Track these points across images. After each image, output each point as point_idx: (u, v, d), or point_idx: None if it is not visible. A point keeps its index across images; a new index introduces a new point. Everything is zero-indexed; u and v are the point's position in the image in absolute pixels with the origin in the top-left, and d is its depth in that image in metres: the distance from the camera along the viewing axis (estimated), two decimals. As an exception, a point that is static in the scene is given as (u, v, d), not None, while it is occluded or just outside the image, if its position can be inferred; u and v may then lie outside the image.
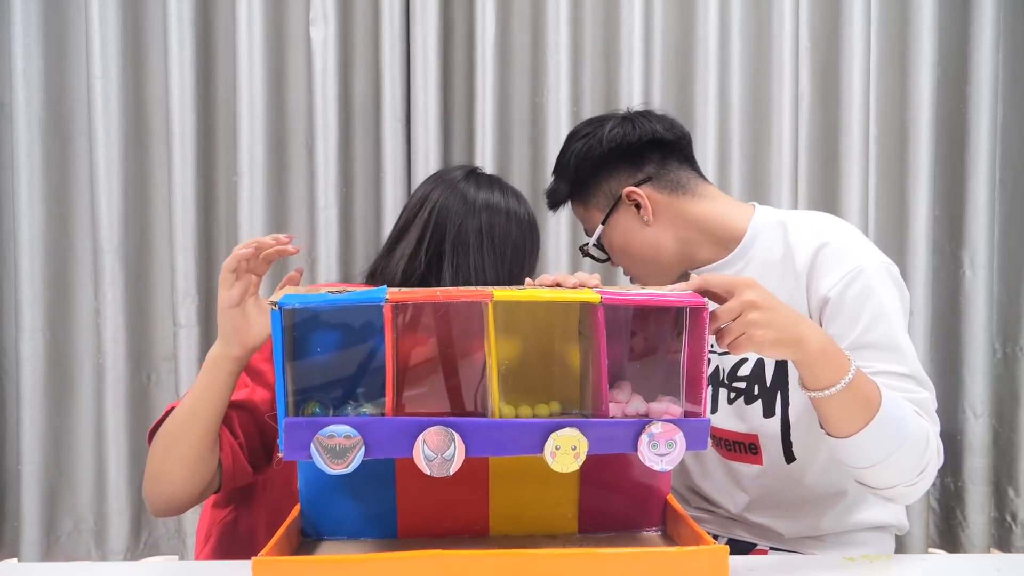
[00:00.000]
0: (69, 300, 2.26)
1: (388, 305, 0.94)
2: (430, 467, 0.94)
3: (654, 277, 1.53)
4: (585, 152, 1.52)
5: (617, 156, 1.51)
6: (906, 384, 1.29)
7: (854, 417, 1.17)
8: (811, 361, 1.13)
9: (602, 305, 0.97)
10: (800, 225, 1.46)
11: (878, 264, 1.38)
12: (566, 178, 1.56)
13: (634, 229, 1.51)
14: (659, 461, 0.99)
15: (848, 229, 1.47)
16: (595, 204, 1.54)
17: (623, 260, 1.57)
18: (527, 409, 1.02)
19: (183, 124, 2.16)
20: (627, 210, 1.51)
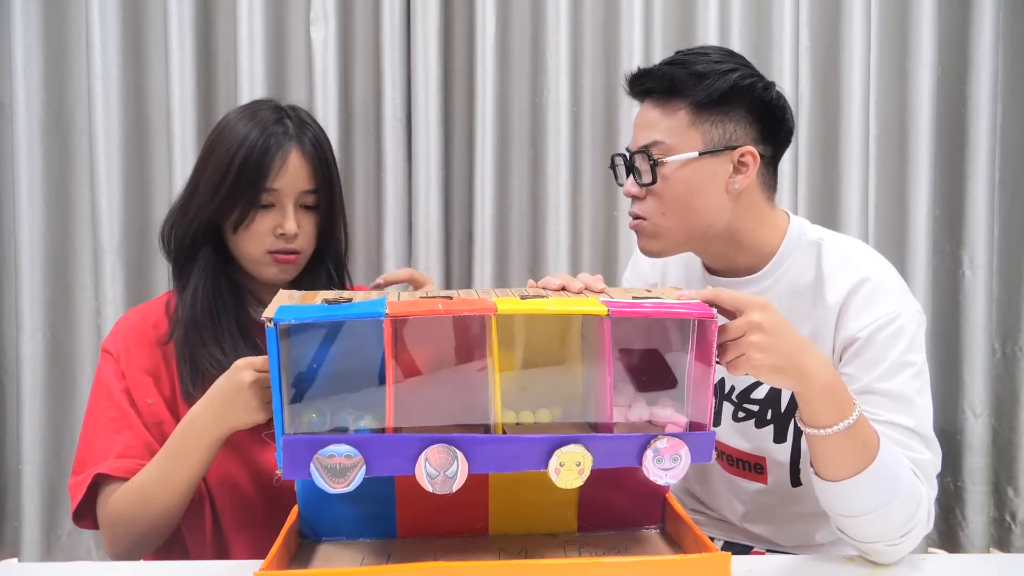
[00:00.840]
0: (69, 300, 2.25)
1: (388, 320, 0.93)
2: (432, 484, 0.94)
3: (666, 236, 1.38)
4: (747, 83, 1.34)
5: (766, 114, 1.38)
6: (911, 441, 1.24)
7: (848, 462, 1.13)
8: (812, 396, 1.10)
9: (609, 318, 0.97)
10: (836, 252, 1.39)
11: (913, 312, 1.33)
12: (699, 83, 1.33)
13: (715, 184, 1.36)
14: (663, 475, 0.99)
15: (886, 267, 1.40)
16: (703, 128, 1.35)
17: (667, 198, 1.36)
18: (528, 415, 1.02)
19: (183, 124, 2.16)
20: (725, 163, 1.35)
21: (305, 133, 1.39)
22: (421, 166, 2.19)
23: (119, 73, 2.17)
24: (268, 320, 0.92)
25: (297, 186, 1.36)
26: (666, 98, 1.36)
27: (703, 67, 1.33)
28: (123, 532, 1.27)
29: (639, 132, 1.39)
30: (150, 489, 1.24)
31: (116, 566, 1.24)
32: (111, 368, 1.37)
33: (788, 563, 1.22)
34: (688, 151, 1.34)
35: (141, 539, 1.28)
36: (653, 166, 1.34)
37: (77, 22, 2.21)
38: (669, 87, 1.34)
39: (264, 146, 1.34)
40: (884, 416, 1.24)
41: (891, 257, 2.26)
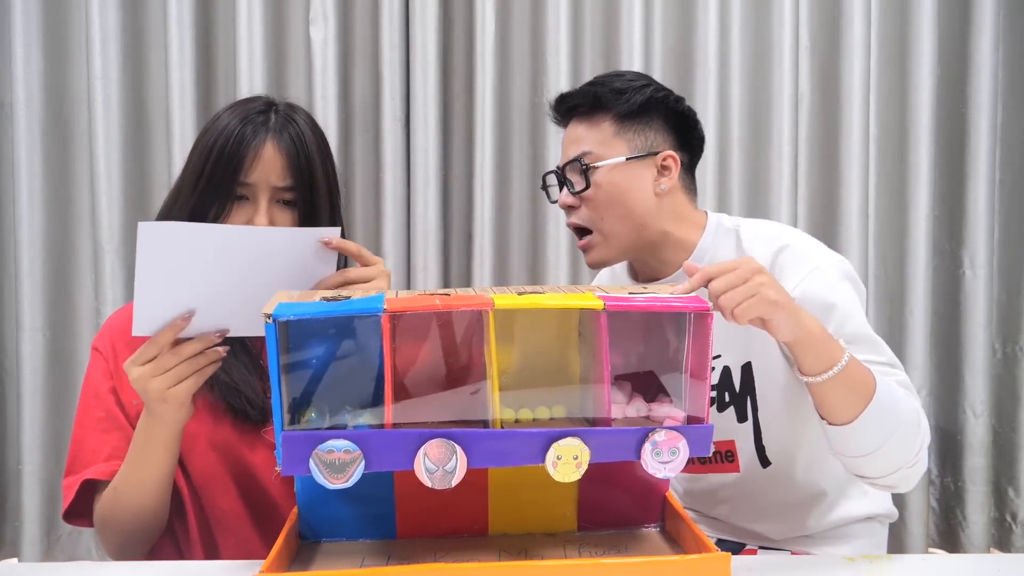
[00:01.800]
0: (69, 300, 2.26)
1: (386, 315, 0.93)
2: (431, 479, 0.94)
3: (611, 240, 1.48)
4: (660, 95, 1.50)
5: (680, 123, 1.52)
6: (885, 369, 1.32)
7: (853, 401, 1.19)
8: (807, 342, 1.15)
9: (605, 312, 0.97)
10: (753, 231, 1.49)
11: (834, 262, 1.42)
12: (619, 98, 1.47)
13: (642, 187, 1.47)
14: (662, 469, 0.99)
15: (800, 233, 1.52)
16: (627, 137, 1.48)
17: (600, 202, 1.47)
18: (527, 412, 1.02)
19: (183, 124, 2.16)
20: (650, 167, 1.48)
21: (287, 128, 1.34)
22: (420, 166, 2.19)
23: (119, 73, 2.17)
24: (267, 316, 0.92)
25: (270, 180, 1.31)
26: (590, 113, 1.49)
27: (620, 84, 1.48)
28: (109, 534, 1.29)
29: (568, 148, 1.52)
30: (122, 491, 1.24)
31: (116, 566, 1.24)
32: (100, 367, 1.36)
33: (788, 562, 1.22)
34: (616, 157, 1.47)
35: (127, 539, 1.29)
36: (585, 172, 1.47)
37: (77, 22, 2.21)
38: (593, 102, 1.48)
39: (240, 136, 1.31)
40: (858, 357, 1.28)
41: (891, 257, 2.30)
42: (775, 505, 1.50)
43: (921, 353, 2.26)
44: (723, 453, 1.49)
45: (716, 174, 2.23)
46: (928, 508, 2.32)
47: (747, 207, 2.27)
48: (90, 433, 1.32)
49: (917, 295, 2.25)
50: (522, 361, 1.05)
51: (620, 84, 1.49)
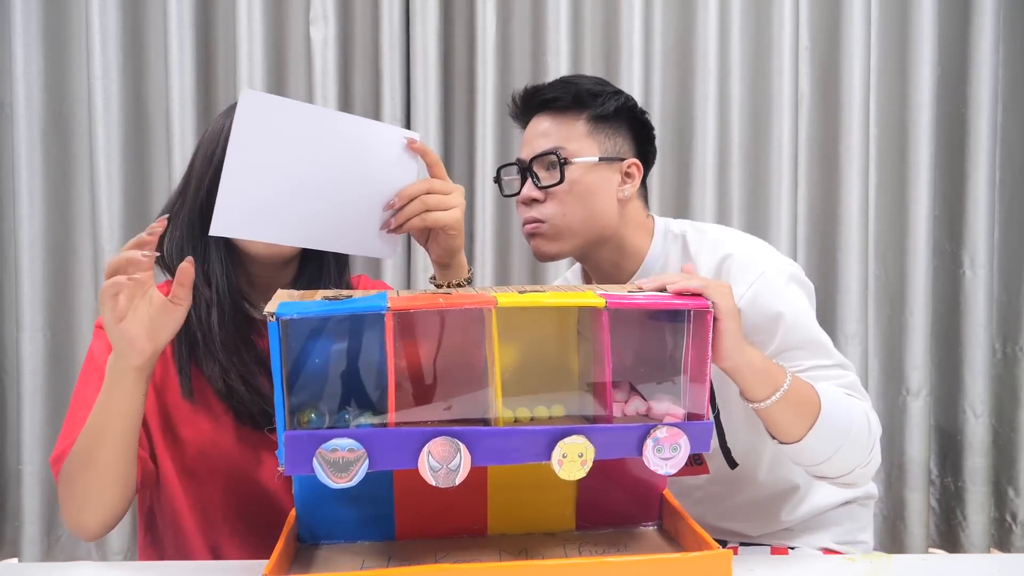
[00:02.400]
0: (69, 300, 2.26)
1: (389, 314, 0.93)
2: (435, 478, 0.93)
3: (566, 236, 1.48)
4: (631, 104, 1.52)
5: (641, 134, 1.54)
6: (834, 372, 1.34)
7: (799, 420, 1.19)
8: (748, 375, 1.14)
9: (607, 309, 0.97)
10: (699, 238, 1.50)
11: (780, 266, 1.42)
12: (595, 100, 1.48)
13: (608, 190, 1.48)
14: (663, 465, 0.99)
15: (747, 238, 1.51)
16: (598, 140, 1.49)
17: (570, 199, 1.47)
18: (525, 411, 1.02)
19: (183, 124, 2.16)
20: (616, 172, 1.49)
21: None
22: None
23: (119, 73, 2.17)
24: (270, 315, 0.92)
25: None
26: (565, 110, 1.49)
27: (593, 87, 1.49)
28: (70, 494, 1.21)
29: (535, 141, 1.50)
30: (84, 443, 1.18)
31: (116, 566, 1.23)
32: (103, 342, 1.32)
33: (788, 562, 1.22)
34: (588, 156, 1.47)
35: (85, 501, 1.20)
36: (562, 166, 1.46)
37: (77, 22, 2.21)
38: (574, 98, 1.48)
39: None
40: (806, 364, 1.34)
41: (891, 257, 2.30)
42: (748, 504, 1.51)
43: (921, 353, 2.26)
44: (691, 456, 1.48)
45: (716, 174, 2.23)
46: (928, 508, 2.32)
47: (747, 207, 2.27)
48: (86, 403, 1.28)
49: (917, 295, 2.25)
50: (521, 360, 1.05)
51: (593, 87, 1.49)
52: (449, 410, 1.01)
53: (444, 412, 1.01)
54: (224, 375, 1.30)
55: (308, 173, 1.15)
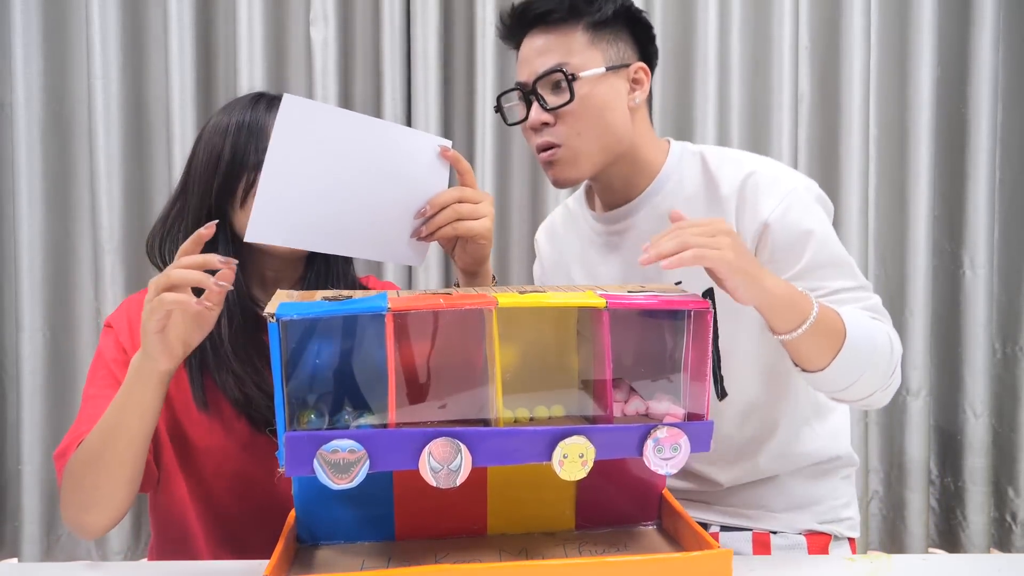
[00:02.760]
0: (69, 300, 2.26)
1: (390, 315, 0.93)
2: (436, 478, 0.93)
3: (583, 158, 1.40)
4: (625, 4, 1.42)
5: (642, 34, 1.46)
6: (859, 294, 1.32)
7: (825, 350, 1.19)
8: (774, 306, 1.13)
9: (607, 310, 0.97)
10: (719, 155, 1.45)
11: (808, 185, 1.39)
12: (590, 6, 1.38)
13: (619, 100, 1.40)
14: (664, 465, 0.99)
15: (765, 158, 1.46)
16: (602, 47, 1.39)
17: (583, 116, 1.38)
18: (524, 412, 1.02)
19: (183, 124, 2.16)
20: (623, 80, 1.41)
21: None
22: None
23: (119, 73, 2.17)
24: (270, 316, 0.91)
25: None
26: (560, 22, 1.38)
27: None
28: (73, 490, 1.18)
29: (535, 61, 1.39)
30: (94, 440, 1.15)
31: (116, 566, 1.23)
32: (112, 340, 1.32)
33: (788, 562, 1.22)
34: (594, 68, 1.38)
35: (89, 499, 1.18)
36: (570, 83, 1.36)
37: (77, 22, 2.21)
38: (570, 7, 1.37)
39: (255, 113, 1.28)
40: (831, 285, 1.31)
41: (891, 257, 2.30)
42: (725, 447, 1.45)
43: (921, 353, 2.26)
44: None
45: (716, 174, 2.23)
46: (928, 508, 2.32)
47: (747, 207, 2.27)
48: (96, 401, 1.25)
49: (917, 295, 2.25)
50: (522, 360, 1.05)
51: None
52: (449, 410, 1.01)
53: (444, 412, 1.00)
54: (240, 385, 1.28)
55: (343, 180, 1.15)
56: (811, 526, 1.47)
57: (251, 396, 1.28)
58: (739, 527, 1.49)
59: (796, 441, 1.47)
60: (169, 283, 1.04)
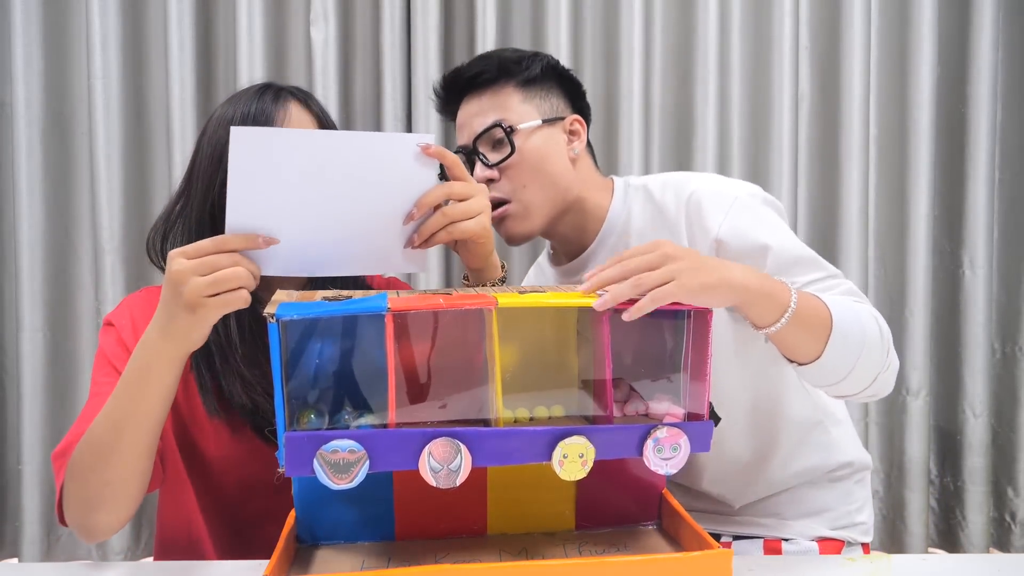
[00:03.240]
0: (69, 300, 2.26)
1: (389, 315, 0.93)
2: (436, 478, 0.93)
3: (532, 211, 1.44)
4: (551, 62, 1.48)
5: (572, 87, 1.51)
6: (830, 283, 1.30)
7: (814, 336, 1.16)
8: (751, 301, 1.10)
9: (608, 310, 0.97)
10: (662, 184, 1.45)
11: (751, 192, 1.39)
12: (518, 66, 1.45)
13: (558, 151, 1.45)
14: (664, 465, 0.99)
15: (707, 174, 1.49)
16: (534, 103, 1.45)
17: (525, 168, 1.42)
18: (524, 412, 1.02)
19: (183, 124, 2.16)
20: (560, 132, 1.46)
21: (310, 99, 1.31)
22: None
23: (119, 73, 2.17)
24: (270, 316, 0.91)
25: None
26: (492, 83, 1.44)
27: (512, 55, 1.46)
28: (77, 488, 1.13)
29: (473, 122, 1.45)
30: (102, 431, 1.09)
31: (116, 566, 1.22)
32: (113, 338, 1.28)
33: (788, 562, 1.22)
34: (531, 119, 1.43)
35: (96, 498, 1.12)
36: (509, 136, 1.40)
37: (77, 22, 2.21)
38: (499, 68, 1.44)
39: (261, 104, 1.26)
40: (800, 280, 1.29)
41: (891, 257, 2.30)
42: (731, 463, 1.46)
43: (921, 353, 2.26)
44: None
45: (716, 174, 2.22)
46: (928, 508, 2.32)
47: (747, 207, 2.27)
48: (100, 397, 1.19)
49: (917, 295, 2.25)
50: (521, 360, 1.05)
51: (512, 55, 1.46)
52: (449, 411, 1.01)
53: (444, 413, 1.01)
54: (248, 390, 1.25)
55: (319, 201, 1.08)
56: (824, 532, 1.47)
57: (258, 403, 1.26)
58: (751, 535, 1.50)
59: (801, 454, 1.47)
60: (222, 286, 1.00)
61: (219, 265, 1.00)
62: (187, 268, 0.99)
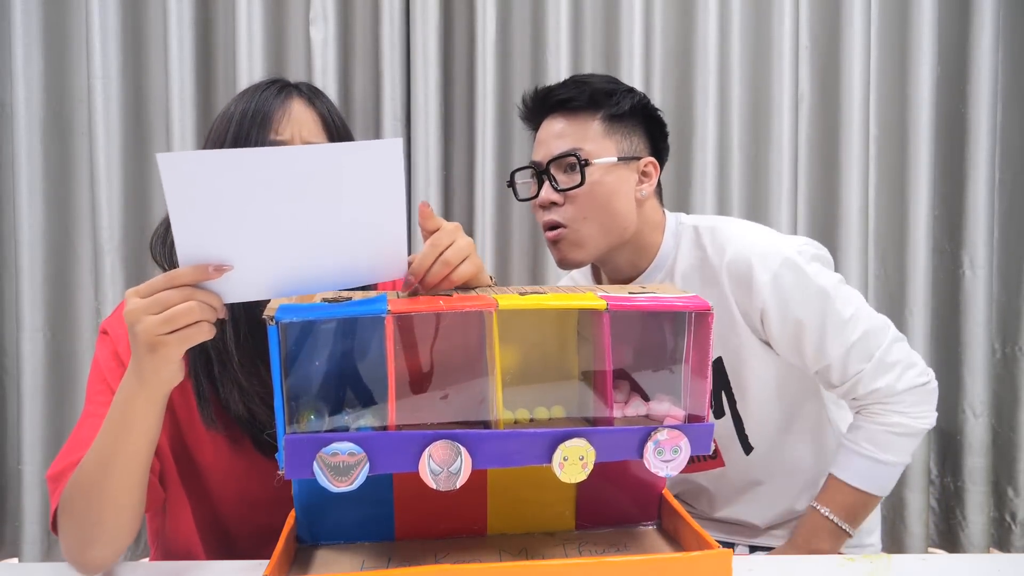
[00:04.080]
0: (69, 300, 2.26)
1: (390, 317, 0.93)
2: (436, 481, 0.93)
3: (588, 242, 1.46)
4: (641, 101, 1.50)
5: (656, 128, 1.53)
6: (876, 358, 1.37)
7: (869, 512, 1.42)
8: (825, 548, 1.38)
9: (608, 312, 0.97)
10: (710, 233, 1.47)
11: (800, 249, 1.41)
12: (609, 99, 1.47)
13: (627, 191, 1.47)
14: (664, 467, 0.99)
15: (750, 228, 1.49)
16: (616, 139, 1.47)
17: (591, 201, 1.44)
18: (524, 413, 1.02)
19: (183, 124, 2.16)
20: (633, 172, 1.48)
21: (317, 95, 1.28)
22: (421, 166, 2.19)
23: (119, 73, 2.17)
24: (269, 318, 0.91)
25: (304, 136, 1.23)
26: (579, 111, 1.46)
27: (606, 86, 1.47)
28: (71, 527, 1.10)
29: (551, 143, 1.47)
30: (91, 469, 1.07)
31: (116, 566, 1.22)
32: (108, 350, 1.25)
33: (789, 562, 1.22)
34: (607, 156, 1.45)
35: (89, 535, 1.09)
36: (582, 168, 1.43)
37: (77, 22, 2.21)
38: (589, 98, 1.45)
39: (264, 98, 1.22)
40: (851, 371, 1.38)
41: (891, 257, 2.30)
42: (760, 488, 1.52)
43: (921, 353, 2.26)
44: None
45: (716, 174, 2.23)
46: (928, 508, 2.32)
47: (747, 207, 2.27)
48: (92, 419, 1.18)
49: (917, 295, 2.25)
50: (522, 362, 1.05)
51: (606, 86, 1.47)
52: (449, 412, 1.01)
53: (444, 415, 1.00)
54: (245, 400, 1.23)
55: (273, 221, 0.98)
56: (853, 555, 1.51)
57: (255, 413, 1.24)
58: (763, 546, 1.54)
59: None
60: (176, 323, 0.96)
61: (170, 302, 0.96)
62: (139, 307, 0.96)
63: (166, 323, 0.95)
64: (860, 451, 1.37)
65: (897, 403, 1.36)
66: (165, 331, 0.96)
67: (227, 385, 1.23)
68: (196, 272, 0.96)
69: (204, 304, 0.97)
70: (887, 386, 1.36)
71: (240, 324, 1.23)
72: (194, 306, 0.96)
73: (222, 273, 0.97)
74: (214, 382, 1.24)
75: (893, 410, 1.37)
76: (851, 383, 1.37)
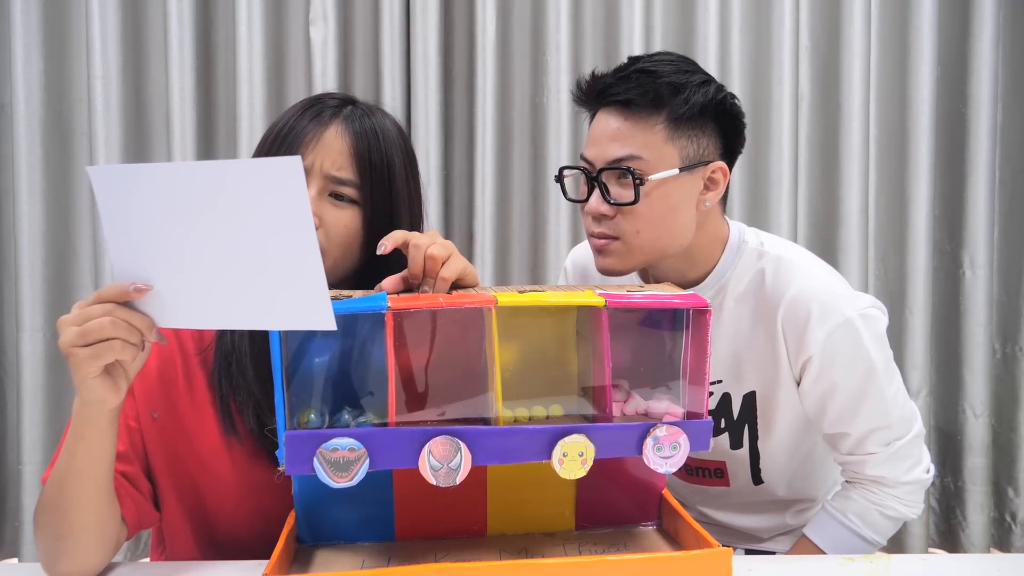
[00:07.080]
0: (69, 300, 2.25)
1: (390, 314, 0.93)
2: (436, 477, 0.93)
3: (636, 253, 1.30)
4: (721, 96, 1.29)
5: (731, 128, 1.33)
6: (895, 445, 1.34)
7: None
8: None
9: (606, 309, 0.97)
10: (775, 266, 1.35)
11: (862, 312, 1.30)
12: (676, 96, 1.25)
13: (688, 203, 1.29)
14: (663, 464, 0.99)
15: (825, 277, 1.35)
16: (680, 144, 1.26)
17: (645, 218, 1.27)
18: (523, 411, 1.02)
19: (183, 124, 2.17)
20: (697, 180, 1.29)
21: (364, 119, 1.19)
22: (421, 166, 2.17)
23: (119, 73, 2.17)
24: None
25: (325, 166, 1.14)
26: (641, 110, 1.26)
27: (676, 79, 1.26)
28: (40, 539, 1.09)
29: (607, 145, 1.28)
30: (53, 484, 1.06)
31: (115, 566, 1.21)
32: None
33: (788, 563, 1.22)
34: (667, 168, 1.26)
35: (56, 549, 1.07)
36: (637, 184, 1.24)
37: (77, 22, 2.22)
38: (654, 99, 1.25)
39: (302, 118, 1.17)
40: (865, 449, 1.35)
41: (891, 257, 2.30)
42: (762, 505, 1.51)
43: (921, 353, 2.26)
44: (713, 470, 1.48)
45: (716, 174, 2.23)
46: (928, 508, 2.32)
47: (747, 207, 2.27)
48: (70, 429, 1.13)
49: (917, 295, 2.25)
50: (521, 359, 1.05)
51: (676, 78, 1.26)
52: (449, 409, 1.01)
53: (444, 411, 1.00)
54: (259, 412, 1.19)
55: (188, 242, 0.91)
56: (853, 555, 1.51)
57: (266, 424, 1.19)
58: (765, 551, 1.52)
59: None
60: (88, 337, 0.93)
61: (89, 316, 0.93)
62: (66, 319, 0.95)
63: (79, 336, 0.93)
64: (844, 521, 1.35)
65: (895, 489, 1.34)
66: (79, 344, 0.93)
67: (242, 395, 1.20)
68: (118, 290, 0.94)
69: (121, 322, 0.94)
70: (892, 476, 1.33)
71: (256, 338, 1.18)
72: (107, 323, 0.93)
73: (143, 294, 0.94)
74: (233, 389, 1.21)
75: (891, 494, 1.34)
76: (859, 459, 1.33)
